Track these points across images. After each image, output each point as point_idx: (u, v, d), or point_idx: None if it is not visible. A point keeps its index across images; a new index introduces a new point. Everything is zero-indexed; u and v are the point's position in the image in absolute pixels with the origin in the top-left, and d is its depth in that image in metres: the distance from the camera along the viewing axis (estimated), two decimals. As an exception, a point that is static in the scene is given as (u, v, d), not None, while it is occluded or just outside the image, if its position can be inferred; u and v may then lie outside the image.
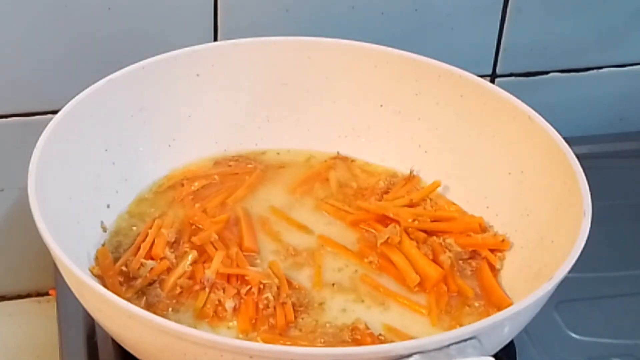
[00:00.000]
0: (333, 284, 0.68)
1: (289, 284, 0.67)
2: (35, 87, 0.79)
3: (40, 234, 0.60)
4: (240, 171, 0.77)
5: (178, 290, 0.66)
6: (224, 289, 0.66)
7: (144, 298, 0.65)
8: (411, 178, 0.77)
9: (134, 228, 0.71)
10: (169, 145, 0.77)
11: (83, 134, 0.71)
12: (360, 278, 0.69)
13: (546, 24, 0.89)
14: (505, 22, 0.87)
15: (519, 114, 0.73)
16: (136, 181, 0.74)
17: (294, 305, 0.65)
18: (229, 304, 0.65)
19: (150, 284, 0.66)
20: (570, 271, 0.60)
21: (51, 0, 0.76)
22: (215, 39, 0.81)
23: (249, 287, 0.66)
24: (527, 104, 0.73)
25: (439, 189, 0.76)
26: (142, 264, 0.67)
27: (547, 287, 0.59)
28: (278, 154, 0.79)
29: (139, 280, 0.66)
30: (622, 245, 0.80)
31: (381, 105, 0.79)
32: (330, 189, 0.77)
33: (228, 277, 0.67)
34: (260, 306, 0.65)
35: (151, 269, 0.66)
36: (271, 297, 0.65)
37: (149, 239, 0.69)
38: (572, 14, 0.88)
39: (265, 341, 0.62)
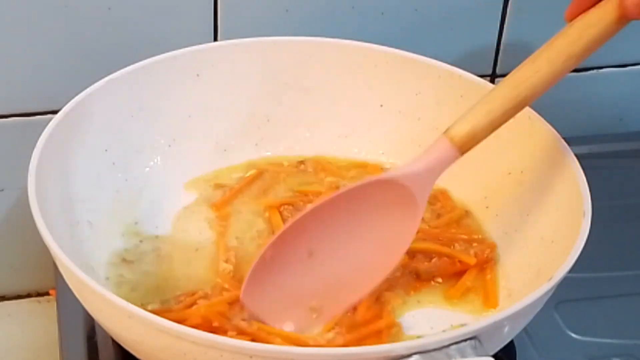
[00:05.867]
0: None
1: None
2: (35, 87, 0.79)
3: (40, 234, 0.60)
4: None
5: None
6: None
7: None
8: None
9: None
10: (169, 145, 0.77)
11: (83, 134, 0.71)
12: None
13: (546, 24, 0.88)
14: (505, 22, 0.87)
15: (519, 114, 0.73)
16: (136, 181, 0.74)
17: None
18: None
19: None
20: (570, 271, 0.60)
21: (51, 0, 0.76)
22: (215, 39, 0.81)
23: None
24: (527, 104, 0.73)
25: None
26: None
27: (547, 287, 0.59)
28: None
29: None
30: (622, 245, 0.80)
31: (381, 105, 0.79)
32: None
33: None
34: None
35: None
36: None
37: None
38: (572, 14, 0.88)
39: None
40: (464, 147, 0.62)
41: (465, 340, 0.55)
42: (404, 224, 0.64)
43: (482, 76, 0.77)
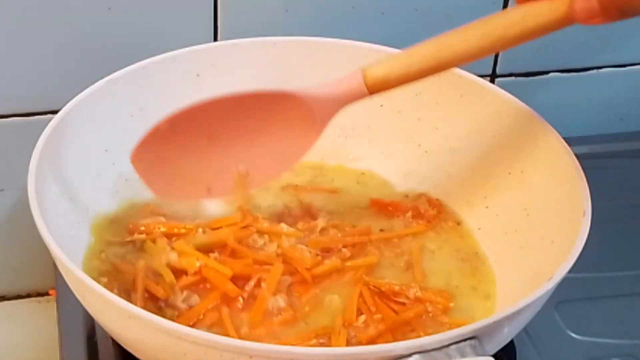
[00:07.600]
0: None
1: None
2: (35, 87, 0.79)
3: (40, 234, 0.60)
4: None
5: None
6: None
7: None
8: None
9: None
10: (169, 145, 0.77)
11: (83, 134, 0.71)
12: None
13: (546, 24, 0.89)
14: (505, 22, 0.87)
15: (519, 114, 0.73)
16: (136, 181, 0.74)
17: None
18: None
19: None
20: (570, 271, 0.60)
21: (51, 0, 0.76)
22: (215, 39, 0.81)
23: None
24: (527, 104, 0.73)
25: (438, 193, 0.76)
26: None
27: (547, 287, 0.59)
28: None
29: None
30: (622, 245, 0.80)
31: (381, 105, 0.79)
32: None
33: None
34: None
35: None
36: None
37: None
38: (572, 14, 0.88)
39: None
40: (374, 88, 0.64)
41: (465, 340, 0.55)
42: (301, 139, 0.67)
43: (482, 76, 0.77)
